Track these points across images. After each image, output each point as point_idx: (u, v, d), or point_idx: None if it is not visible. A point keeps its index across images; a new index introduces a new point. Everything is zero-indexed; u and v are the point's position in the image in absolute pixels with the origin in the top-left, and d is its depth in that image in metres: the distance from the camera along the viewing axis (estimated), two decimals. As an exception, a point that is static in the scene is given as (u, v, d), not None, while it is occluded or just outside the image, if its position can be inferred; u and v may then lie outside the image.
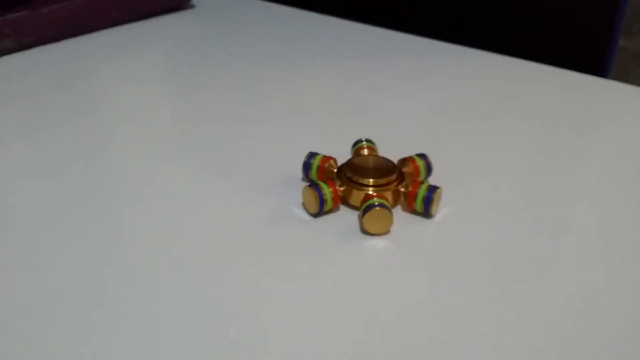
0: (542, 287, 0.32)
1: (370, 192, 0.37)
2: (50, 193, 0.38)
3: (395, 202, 0.38)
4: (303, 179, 0.41)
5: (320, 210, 0.37)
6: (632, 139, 0.47)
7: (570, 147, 0.46)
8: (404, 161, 0.40)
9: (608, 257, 0.35)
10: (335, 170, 0.39)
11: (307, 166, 0.40)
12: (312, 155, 0.40)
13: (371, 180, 0.38)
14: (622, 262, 0.34)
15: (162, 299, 0.31)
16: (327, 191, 0.37)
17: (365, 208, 0.36)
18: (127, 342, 0.28)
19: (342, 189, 0.38)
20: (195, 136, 0.45)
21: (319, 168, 0.39)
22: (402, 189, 0.38)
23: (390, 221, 0.36)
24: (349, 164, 0.39)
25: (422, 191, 0.37)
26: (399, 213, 0.38)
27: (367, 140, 0.42)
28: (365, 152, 0.41)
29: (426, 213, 0.37)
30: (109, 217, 0.36)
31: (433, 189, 0.37)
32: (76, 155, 0.42)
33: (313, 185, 0.37)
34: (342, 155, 0.43)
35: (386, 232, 0.36)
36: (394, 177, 0.38)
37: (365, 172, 0.38)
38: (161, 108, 0.49)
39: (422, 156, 0.40)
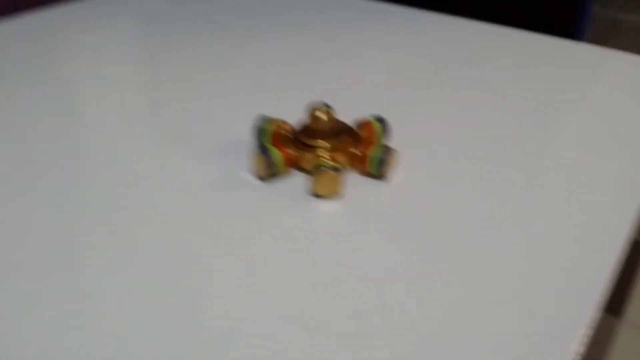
0: (491, 258, 0.31)
1: (324, 155, 0.36)
2: (18, 164, 0.37)
3: (350, 165, 0.37)
4: (256, 144, 0.39)
5: (270, 174, 0.35)
6: (605, 102, 0.46)
7: (538, 113, 0.44)
8: (360, 124, 0.38)
9: (568, 223, 0.33)
10: (288, 134, 0.38)
11: (258, 130, 0.38)
12: (263, 118, 0.38)
13: (324, 142, 0.36)
14: (585, 228, 0.33)
15: (103, 265, 0.29)
16: (276, 154, 0.35)
17: (315, 170, 0.34)
18: (68, 314, 0.27)
19: (293, 152, 0.36)
20: (151, 105, 0.44)
21: (270, 132, 0.38)
22: (357, 152, 0.36)
23: (340, 183, 0.34)
24: (302, 129, 0.37)
25: (376, 153, 0.36)
26: (354, 177, 0.37)
27: (324, 104, 0.40)
28: (321, 114, 0.40)
29: (380, 175, 0.36)
30: (65, 185, 0.35)
31: (387, 150, 0.36)
32: (37, 127, 0.41)
33: (262, 149, 0.35)
34: (298, 118, 0.42)
35: (337, 194, 0.35)
36: (348, 139, 0.37)
37: (318, 134, 0.36)
38: (121, 81, 0.47)
39: (380, 119, 0.38)
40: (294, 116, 0.42)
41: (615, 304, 1.13)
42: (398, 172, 0.37)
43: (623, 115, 0.44)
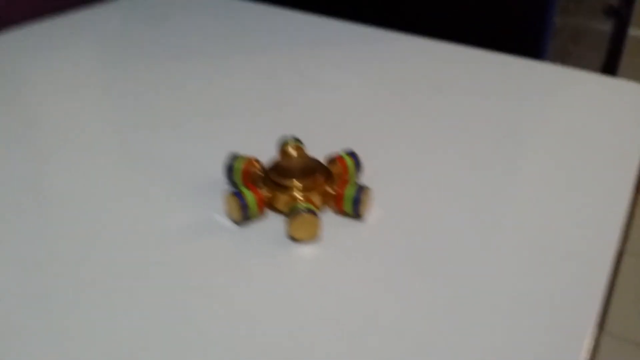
0: (477, 285, 0.31)
1: (297, 195, 0.35)
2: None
3: (325, 203, 0.36)
4: (227, 184, 0.39)
5: (244, 217, 0.35)
6: (568, 120, 0.46)
7: (505, 135, 0.44)
8: (332, 160, 0.38)
9: (538, 256, 0.33)
10: (259, 172, 0.37)
11: (229, 170, 0.37)
12: (234, 157, 0.38)
13: (297, 182, 0.36)
14: (553, 260, 0.33)
15: (75, 314, 0.28)
16: (250, 197, 0.35)
17: (290, 214, 0.34)
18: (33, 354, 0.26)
19: (266, 193, 0.36)
20: (117, 140, 0.43)
21: (241, 171, 0.37)
22: (331, 191, 0.36)
23: (318, 227, 0.34)
24: (273, 167, 0.37)
25: (350, 192, 0.35)
26: (329, 216, 0.36)
27: (294, 139, 0.40)
28: (292, 151, 0.39)
29: (355, 215, 0.36)
30: (29, 221, 0.34)
31: (361, 189, 0.35)
32: (-18, 168, 0.39)
33: (236, 192, 0.35)
34: (268, 153, 0.41)
35: (314, 237, 0.34)
36: (321, 177, 0.36)
37: (290, 173, 0.36)
38: (84, 111, 0.46)
39: (351, 154, 0.38)
40: (264, 148, 0.42)
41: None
42: (374, 209, 0.37)
43: (589, 133, 0.44)
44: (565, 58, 0.83)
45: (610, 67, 1.23)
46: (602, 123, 0.46)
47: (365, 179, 0.39)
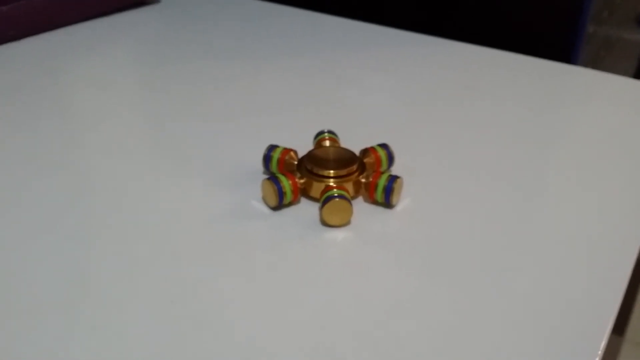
0: (501, 278, 0.32)
1: (331, 184, 0.37)
2: (17, 195, 0.38)
3: (357, 193, 0.38)
4: (264, 172, 0.40)
5: (280, 203, 0.36)
6: (601, 126, 0.47)
7: (536, 137, 0.45)
8: (365, 152, 0.39)
9: (571, 249, 0.35)
10: (296, 162, 0.39)
11: (267, 159, 0.39)
12: (272, 147, 0.39)
13: (331, 171, 0.37)
14: (587, 254, 0.34)
15: (116, 298, 0.30)
16: (286, 184, 0.36)
17: (324, 200, 0.35)
18: (78, 342, 0.28)
19: (302, 181, 0.37)
20: (160, 133, 0.45)
21: (279, 161, 0.39)
22: (363, 180, 0.38)
23: (350, 212, 0.35)
24: (309, 156, 0.38)
25: (382, 181, 0.37)
26: (360, 204, 0.38)
27: (329, 132, 0.42)
28: (327, 143, 0.41)
29: (387, 203, 0.37)
30: (73, 214, 0.36)
31: (393, 178, 0.37)
32: (39, 155, 0.42)
33: (272, 178, 0.36)
34: (305, 147, 0.43)
35: (346, 223, 0.36)
36: (354, 167, 0.38)
37: (325, 163, 0.38)
38: (126, 106, 0.48)
39: (384, 146, 0.40)
40: (301, 142, 0.43)
41: (617, 323, 1.14)
42: (403, 198, 0.38)
43: (621, 138, 0.45)
44: (597, 66, 0.83)
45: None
46: (636, 127, 0.47)
47: (397, 170, 0.41)
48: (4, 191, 0.38)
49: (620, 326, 1.13)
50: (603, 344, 0.28)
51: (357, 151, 0.42)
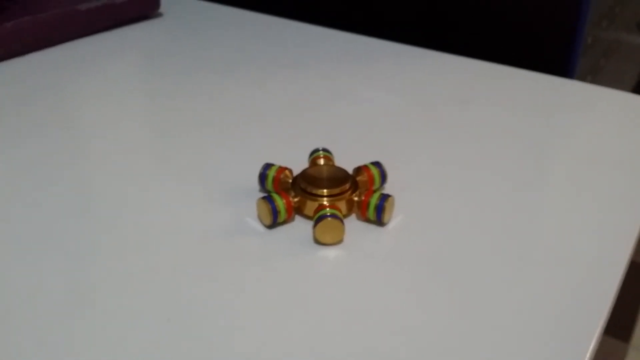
0: (493, 294, 0.33)
1: (324, 203, 0.38)
2: (18, 205, 0.39)
3: (349, 211, 0.39)
4: (260, 190, 0.41)
5: (274, 221, 0.37)
6: (595, 140, 0.48)
7: (531, 152, 0.46)
8: (358, 170, 0.40)
9: (564, 264, 0.35)
10: (290, 181, 0.40)
11: (263, 177, 0.40)
12: (267, 166, 0.40)
13: (324, 190, 0.38)
14: (581, 269, 0.35)
15: (113, 312, 0.31)
16: (280, 203, 0.37)
17: (317, 219, 0.36)
18: (73, 357, 0.29)
19: (296, 199, 0.38)
20: (160, 147, 0.46)
21: (274, 179, 0.40)
22: (356, 198, 0.38)
23: (342, 231, 0.36)
24: (302, 175, 0.39)
25: (374, 200, 0.38)
26: (353, 222, 0.39)
27: (324, 150, 0.42)
28: (322, 161, 0.42)
29: (379, 221, 0.38)
30: (71, 227, 0.37)
31: (385, 197, 0.38)
32: (41, 167, 0.43)
33: (267, 197, 0.37)
34: (300, 164, 0.44)
35: (339, 242, 0.37)
36: (347, 186, 0.39)
37: (318, 182, 0.39)
38: (127, 121, 0.50)
39: (377, 164, 0.41)
40: (296, 157, 0.44)
41: (622, 329, 1.14)
42: (396, 216, 0.39)
43: (616, 153, 0.46)
44: (596, 76, 0.84)
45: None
46: (629, 142, 0.48)
47: (390, 188, 0.42)
48: (6, 201, 0.39)
49: (625, 332, 1.14)
50: (592, 347, 0.29)
51: (350, 168, 0.43)
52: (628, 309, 1.18)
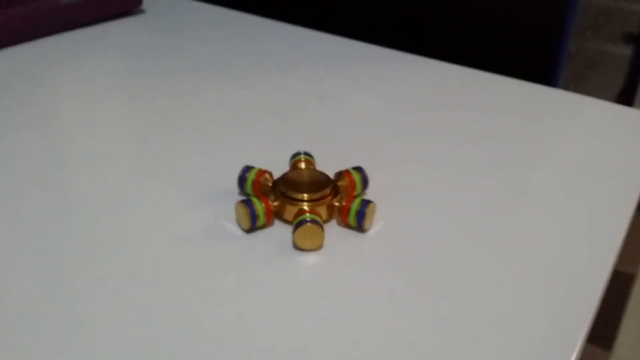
0: (475, 299, 0.32)
1: (304, 207, 0.37)
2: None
3: (330, 216, 0.38)
4: (239, 193, 0.41)
5: (253, 225, 0.37)
6: (578, 148, 0.48)
7: (514, 159, 0.46)
8: (340, 175, 0.40)
9: (546, 275, 0.35)
10: (270, 184, 0.39)
11: (242, 180, 0.39)
12: (247, 169, 0.40)
13: (305, 195, 0.37)
14: (562, 275, 0.35)
15: (87, 315, 0.30)
16: (259, 207, 0.36)
17: (296, 224, 0.35)
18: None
19: (275, 203, 0.37)
20: (138, 146, 0.45)
21: (254, 182, 0.39)
22: (337, 204, 0.38)
23: (322, 237, 0.35)
24: (283, 179, 0.38)
25: (355, 205, 0.37)
26: (333, 227, 0.38)
27: (305, 153, 0.42)
28: (303, 165, 0.41)
29: (359, 227, 0.37)
30: (46, 229, 0.36)
31: (366, 203, 0.37)
32: (18, 166, 0.42)
33: (245, 201, 0.37)
34: (281, 167, 0.43)
35: (319, 247, 0.36)
36: (328, 191, 0.38)
37: (299, 186, 0.38)
38: (105, 119, 0.48)
39: (359, 169, 0.40)
40: (277, 160, 0.44)
41: (605, 337, 1.14)
42: (377, 221, 0.38)
43: (600, 161, 0.46)
44: (580, 83, 0.84)
45: (628, 94, 1.23)
46: (610, 151, 0.48)
47: (371, 193, 0.41)
48: (-23, 208, 0.38)
49: (608, 341, 1.14)
50: (575, 355, 0.29)
51: (332, 173, 0.42)
52: (611, 317, 1.19)
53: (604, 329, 1.16)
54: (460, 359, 0.29)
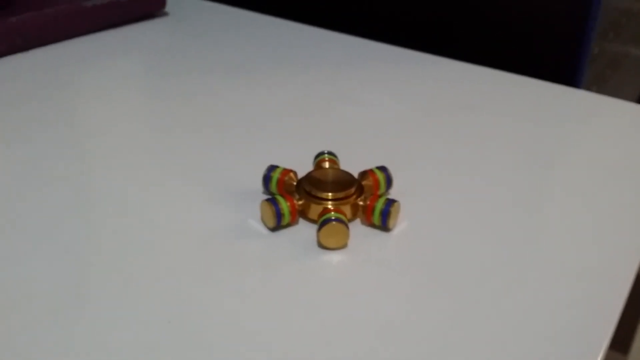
0: (499, 301, 0.32)
1: (329, 206, 0.37)
2: (17, 205, 0.38)
3: (354, 215, 0.38)
4: (264, 192, 0.41)
5: (278, 224, 0.37)
6: (600, 149, 0.47)
7: (536, 159, 0.46)
8: (364, 174, 0.40)
9: (571, 270, 0.35)
10: (295, 183, 0.39)
11: (267, 179, 0.40)
12: (272, 168, 0.40)
13: (329, 194, 0.38)
14: (586, 280, 0.35)
15: (113, 313, 0.31)
16: (284, 205, 0.37)
17: (321, 222, 0.36)
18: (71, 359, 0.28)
19: (300, 202, 0.38)
20: (163, 147, 0.45)
21: (278, 181, 0.39)
22: (361, 203, 0.38)
23: (346, 236, 0.36)
24: (307, 178, 0.39)
25: (379, 205, 0.37)
26: (358, 226, 0.38)
27: (329, 153, 0.42)
28: (327, 164, 0.41)
29: (384, 226, 0.37)
30: (71, 227, 0.36)
31: (391, 202, 0.37)
32: (41, 166, 0.42)
33: (271, 199, 0.37)
34: (305, 167, 0.43)
35: (343, 246, 0.36)
36: (352, 190, 0.38)
37: (323, 185, 0.38)
38: (130, 119, 0.49)
39: (383, 169, 0.40)
40: (301, 160, 0.44)
41: (621, 341, 1.13)
42: (401, 221, 0.39)
43: (622, 163, 0.46)
44: (602, 86, 0.83)
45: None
46: (632, 151, 0.47)
47: (395, 193, 0.41)
48: (5, 200, 0.38)
49: (624, 345, 1.13)
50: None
51: (356, 173, 0.42)
52: (627, 321, 1.17)
53: (620, 333, 1.15)
54: (481, 357, 0.29)
